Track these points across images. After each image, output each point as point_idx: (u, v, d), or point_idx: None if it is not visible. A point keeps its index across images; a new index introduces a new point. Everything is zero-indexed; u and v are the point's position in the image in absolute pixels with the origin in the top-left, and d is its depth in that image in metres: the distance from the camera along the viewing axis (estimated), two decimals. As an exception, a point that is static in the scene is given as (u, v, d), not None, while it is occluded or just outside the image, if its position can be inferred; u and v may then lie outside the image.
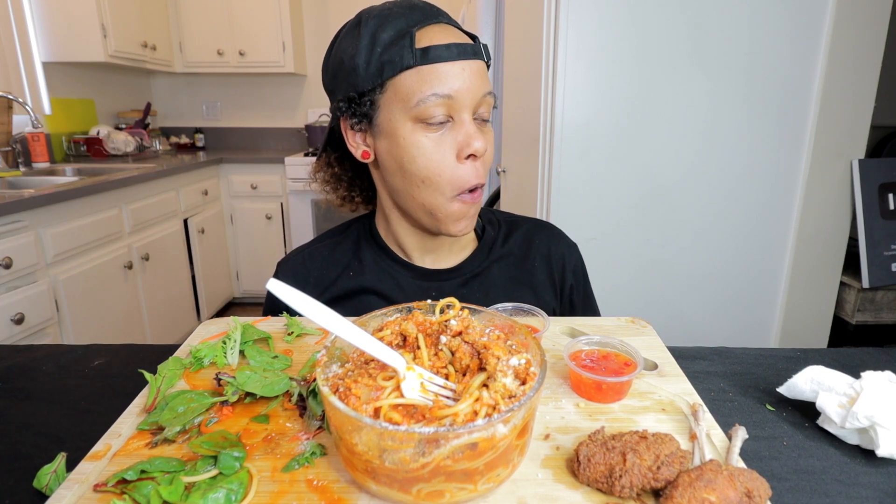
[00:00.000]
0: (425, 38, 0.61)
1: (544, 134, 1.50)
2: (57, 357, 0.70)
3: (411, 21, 0.62)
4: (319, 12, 3.60)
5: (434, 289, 0.74)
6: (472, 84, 0.62)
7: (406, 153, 0.63)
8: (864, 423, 0.48)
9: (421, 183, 0.64)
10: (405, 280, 0.74)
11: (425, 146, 0.63)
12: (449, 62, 0.61)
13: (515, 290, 0.77)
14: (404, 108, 0.62)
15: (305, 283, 0.75)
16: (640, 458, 0.39)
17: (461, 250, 0.78)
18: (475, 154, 0.63)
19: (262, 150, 3.74)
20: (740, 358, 0.69)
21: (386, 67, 0.61)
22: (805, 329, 1.66)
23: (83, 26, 2.58)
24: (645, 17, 1.40)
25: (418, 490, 0.37)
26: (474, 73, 0.62)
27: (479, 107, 0.64)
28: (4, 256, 1.60)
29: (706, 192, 1.53)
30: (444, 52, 0.60)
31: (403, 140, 0.63)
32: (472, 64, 0.62)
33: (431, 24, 0.63)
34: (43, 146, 2.51)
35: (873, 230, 1.58)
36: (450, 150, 0.63)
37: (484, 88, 0.63)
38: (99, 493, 0.40)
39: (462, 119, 0.63)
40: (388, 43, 0.61)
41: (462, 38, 0.64)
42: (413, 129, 0.63)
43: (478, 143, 0.62)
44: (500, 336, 0.46)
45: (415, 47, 0.60)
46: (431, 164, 0.63)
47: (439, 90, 0.60)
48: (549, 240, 0.81)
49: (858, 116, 1.49)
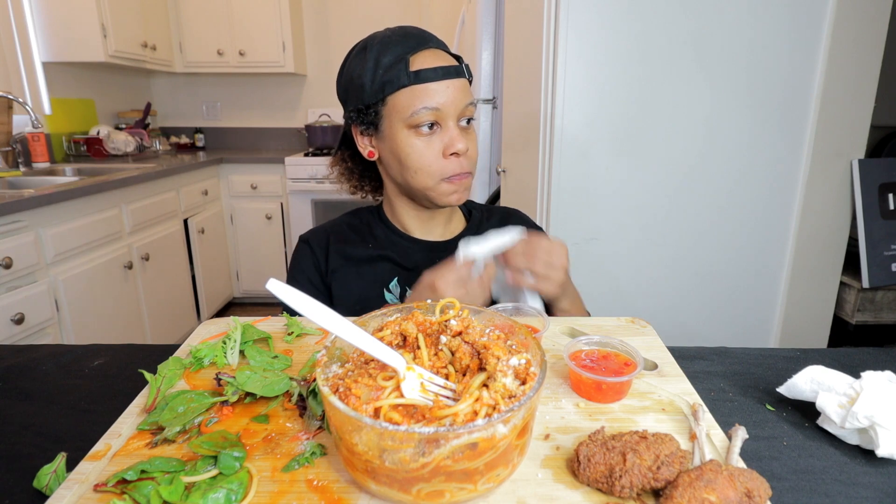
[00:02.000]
0: (417, 62, 0.76)
1: (544, 134, 1.50)
2: (57, 357, 0.70)
3: (406, 48, 0.77)
4: (319, 12, 3.60)
5: (437, 258, 0.84)
6: (455, 98, 0.77)
7: (403, 152, 0.79)
8: (864, 423, 0.48)
9: (415, 173, 0.80)
10: (412, 250, 0.89)
11: (417, 146, 0.78)
12: (436, 81, 0.76)
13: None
14: (401, 118, 0.77)
15: (329, 249, 0.89)
16: (640, 458, 0.39)
17: (455, 227, 0.94)
18: (457, 153, 0.78)
19: (262, 150, 3.74)
20: (740, 358, 0.69)
21: (387, 86, 0.77)
22: (805, 329, 1.66)
23: (83, 26, 2.58)
24: (645, 18, 1.40)
25: (418, 490, 0.37)
26: (457, 89, 0.77)
27: (462, 115, 0.79)
28: (4, 256, 1.60)
29: (706, 192, 1.53)
30: (431, 73, 0.76)
31: (401, 142, 0.79)
32: (455, 82, 0.77)
33: (423, 50, 0.78)
34: (43, 146, 2.51)
35: (873, 230, 1.58)
36: (437, 149, 0.79)
37: (466, 100, 0.78)
38: (99, 493, 0.40)
39: (447, 125, 0.78)
40: (388, 66, 0.77)
41: (448, 60, 0.78)
42: (408, 134, 0.78)
43: (460, 144, 0.78)
44: (500, 336, 0.46)
45: (409, 70, 0.75)
46: (423, 160, 0.79)
47: (429, 104, 0.76)
48: (522, 221, 0.98)
49: (858, 116, 1.49)
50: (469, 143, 0.80)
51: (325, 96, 3.73)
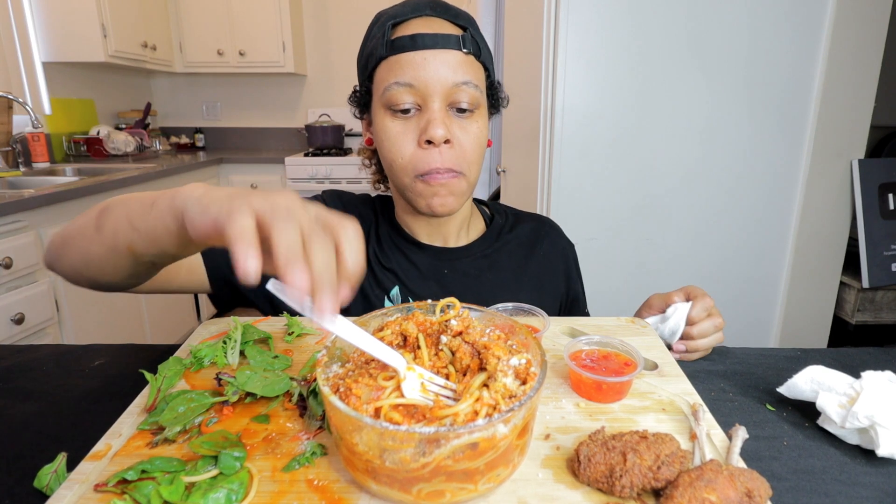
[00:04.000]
0: (400, 31, 0.65)
1: (544, 134, 1.50)
2: (57, 357, 0.69)
3: (396, 15, 0.66)
4: (319, 12, 3.60)
5: (446, 268, 0.77)
6: (437, 73, 0.63)
7: (377, 137, 0.69)
8: (864, 422, 0.48)
9: (390, 165, 0.69)
10: (418, 258, 0.77)
11: (391, 131, 0.66)
12: (412, 52, 0.63)
13: (523, 277, 0.79)
14: (378, 96, 0.67)
15: None
16: (641, 457, 0.39)
17: (472, 233, 0.81)
18: (431, 140, 0.64)
19: (262, 150, 3.74)
20: (740, 358, 0.69)
21: (369, 60, 0.67)
22: (805, 329, 1.66)
23: (83, 26, 2.58)
24: (645, 17, 1.40)
25: (419, 490, 0.37)
26: (442, 63, 0.64)
27: (451, 96, 0.65)
28: (4, 256, 1.60)
29: (706, 192, 1.53)
30: (407, 42, 0.63)
31: (378, 125, 0.68)
32: (440, 54, 0.63)
33: (413, 18, 0.66)
34: (43, 146, 2.51)
35: (873, 230, 1.58)
36: (413, 135, 0.66)
37: (455, 78, 0.64)
38: (99, 493, 0.40)
39: (430, 107, 0.64)
40: (373, 37, 0.67)
41: (442, 28, 0.65)
42: (384, 116, 0.67)
43: (436, 130, 0.63)
44: (500, 336, 0.46)
45: (387, 39, 0.65)
46: (394, 148, 0.66)
47: (401, 78, 0.64)
48: (553, 234, 0.86)
49: (858, 116, 1.49)
50: (460, 134, 0.66)
51: (325, 96, 3.73)
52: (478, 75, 0.67)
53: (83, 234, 0.54)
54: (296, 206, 0.37)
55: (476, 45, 0.67)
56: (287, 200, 0.37)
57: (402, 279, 0.75)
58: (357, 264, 0.38)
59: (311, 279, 0.34)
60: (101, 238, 0.51)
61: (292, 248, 0.34)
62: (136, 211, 0.48)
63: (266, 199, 0.37)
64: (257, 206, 0.37)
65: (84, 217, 0.55)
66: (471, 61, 0.66)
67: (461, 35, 0.65)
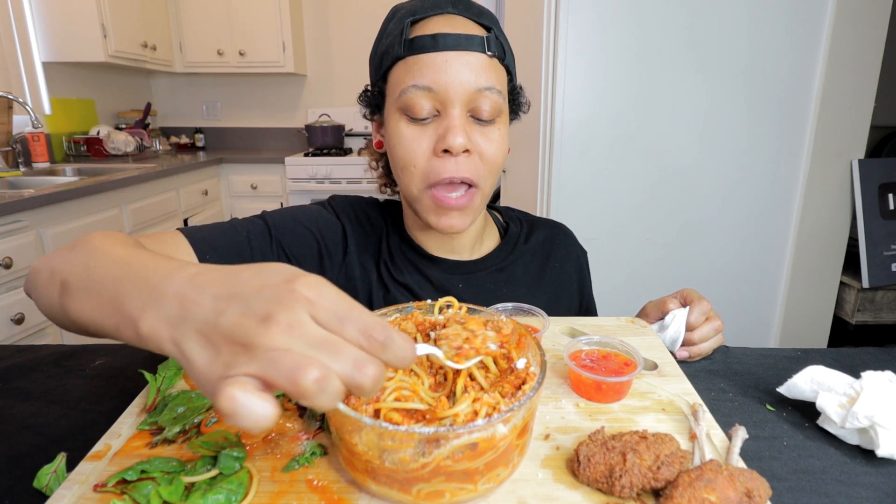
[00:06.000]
0: (419, 29, 0.61)
1: (544, 133, 1.50)
2: (57, 357, 0.69)
3: (415, 11, 0.62)
4: (319, 12, 3.60)
5: (461, 282, 0.73)
6: (459, 77, 0.59)
7: (390, 142, 0.65)
8: (864, 423, 0.48)
9: (401, 172, 0.65)
10: (431, 272, 0.73)
11: (405, 136, 0.62)
12: (433, 52, 0.59)
13: (539, 290, 0.78)
14: (393, 98, 0.63)
15: (347, 241, 0.72)
16: (640, 458, 0.39)
17: (482, 245, 0.77)
18: (449, 150, 0.60)
19: (262, 150, 3.74)
20: (740, 358, 0.69)
21: (384, 59, 0.63)
22: (805, 329, 1.66)
23: (83, 26, 2.58)
24: (645, 17, 1.40)
25: (418, 490, 0.37)
26: (464, 66, 0.59)
27: (472, 102, 0.61)
28: (4, 256, 1.60)
29: (706, 192, 1.53)
30: (428, 42, 0.59)
31: (391, 129, 0.64)
32: (462, 56, 0.59)
33: (435, 15, 0.61)
34: (43, 146, 2.51)
35: (873, 230, 1.58)
36: (429, 142, 0.62)
37: (477, 83, 0.60)
38: (99, 493, 0.40)
39: (449, 114, 0.60)
40: (390, 34, 0.63)
41: (466, 28, 0.61)
42: (398, 120, 0.63)
43: (455, 139, 0.59)
44: (482, 322, 0.46)
45: (405, 38, 0.60)
46: (408, 154, 0.62)
47: (419, 81, 0.59)
48: (567, 241, 0.84)
49: (858, 116, 1.49)
50: (481, 142, 0.62)
51: (325, 96, 3.73)
52: (501, 80, 0.64)
53: (48, 298, 0.44)
54: (301, 324, 0.29)
55: (501, 47, 0.63)
56: (289, 315, 0.29)
57: (416, 295, 0.71)
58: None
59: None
60: (64, 318, 0.43)
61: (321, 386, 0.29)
62: (96, 307, 0.38)
63: (264, 331, 0.29)
64: (257, 365, 0.30)
65: (51, 281, 0.44)
66: (494, 65, 0.62)
67: (486, 36, 0.61)
